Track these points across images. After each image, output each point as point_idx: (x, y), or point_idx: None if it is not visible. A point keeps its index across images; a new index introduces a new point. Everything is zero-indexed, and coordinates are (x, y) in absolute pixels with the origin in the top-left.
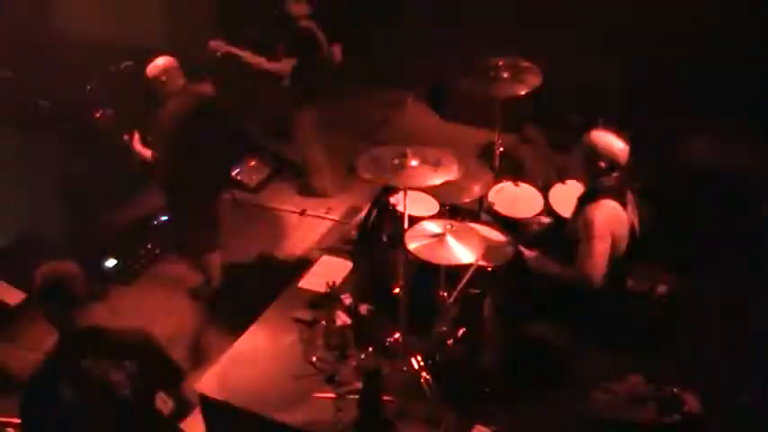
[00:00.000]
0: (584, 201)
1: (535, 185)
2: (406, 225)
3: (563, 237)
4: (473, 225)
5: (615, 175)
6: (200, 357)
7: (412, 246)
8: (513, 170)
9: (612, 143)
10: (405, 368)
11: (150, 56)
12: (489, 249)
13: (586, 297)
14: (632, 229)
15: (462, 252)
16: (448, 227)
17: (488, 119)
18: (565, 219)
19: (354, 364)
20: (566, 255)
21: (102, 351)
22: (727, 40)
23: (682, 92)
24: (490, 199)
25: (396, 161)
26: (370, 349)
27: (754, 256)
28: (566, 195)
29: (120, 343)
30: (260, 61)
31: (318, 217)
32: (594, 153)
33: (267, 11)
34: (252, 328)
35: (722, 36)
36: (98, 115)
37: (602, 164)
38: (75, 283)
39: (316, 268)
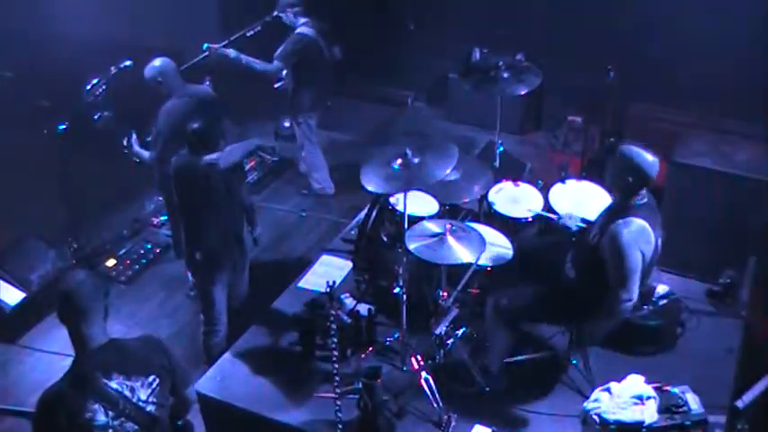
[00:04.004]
0: (614, 215)
1: (535, 185)
2: (406, 225)
3: (583, 240)
4: (473, 225)
5: (645, 193)
6: (200, 357)
7: (412, 246)
8: (513, 170)
9: (645, 159)
10: (405, 368)
11: (150, 56)
12: (489, 249)
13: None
14: (656, 248)
15: (462, 252)
16: (448, 227)
17: (488, 119)
18: (588, 222)
19: (354, 364)
20: (582, 257)
21: (129, 369)
22: (728, 40)
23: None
24: (490, 199)
25: (398, 162)
26: (370, 349)
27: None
28: (566, 195)
29: (143, 359)
30: (250, 61)
31: (318, 217)
32: (629, 167)
33: (267, 13)
34: (252, 329)
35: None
36: (97, 116)
37: (631, 179)
38: (88, 294)
39: (316, 268)
